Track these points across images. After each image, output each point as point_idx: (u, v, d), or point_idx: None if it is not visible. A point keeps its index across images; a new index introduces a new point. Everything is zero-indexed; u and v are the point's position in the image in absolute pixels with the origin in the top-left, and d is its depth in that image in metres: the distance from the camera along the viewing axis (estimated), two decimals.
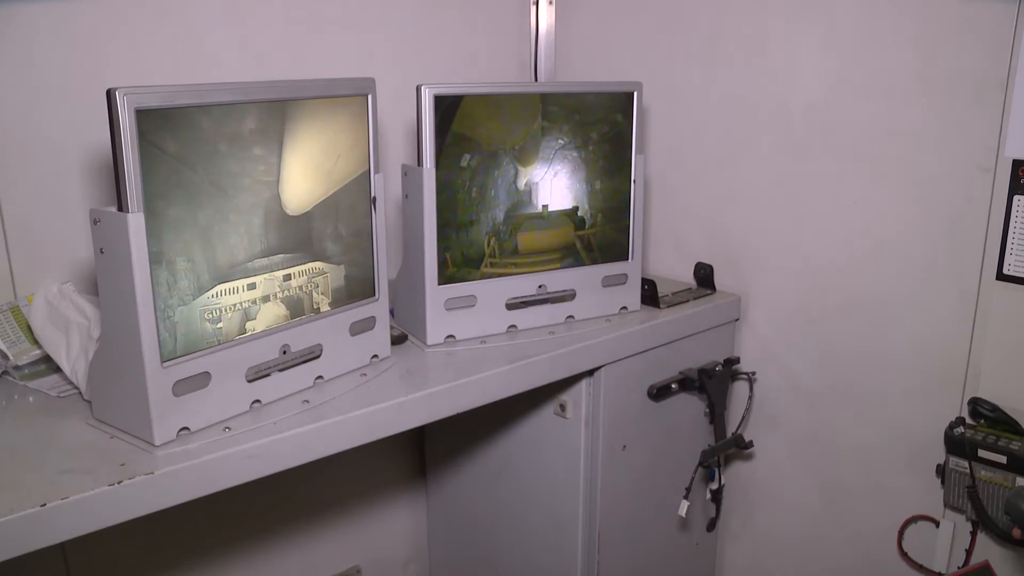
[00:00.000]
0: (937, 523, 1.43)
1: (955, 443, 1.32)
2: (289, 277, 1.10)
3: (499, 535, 1.65)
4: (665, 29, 1.68)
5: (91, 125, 1.19)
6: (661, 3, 1.68)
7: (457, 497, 1.76)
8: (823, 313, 1.53)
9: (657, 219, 1.76)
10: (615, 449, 1.46)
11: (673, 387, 1.51)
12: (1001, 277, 1.30)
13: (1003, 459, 1.27)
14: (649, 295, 1.52)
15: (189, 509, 0.96)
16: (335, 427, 1.06)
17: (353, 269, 1.19)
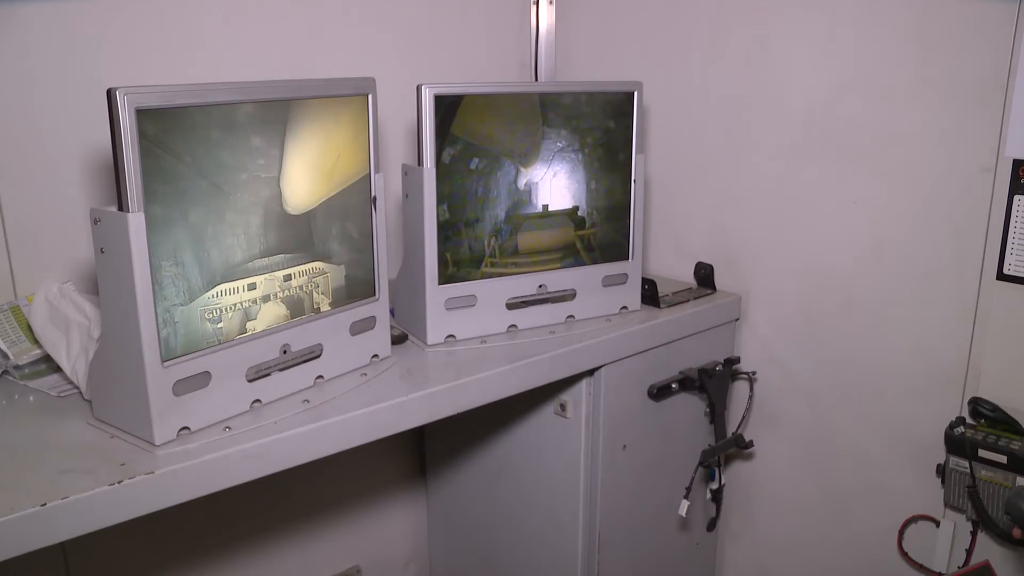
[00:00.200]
0: (937, 523, 1.43)
1: (955, 443, 1.32)
2: (289, 277, 1.10)
3: (499, 535, 1.65)
4: (665, 29, 1.68)
5: (91, 125, 1.19)
6: (661, 3, 1.68)
7: (457, 497, 1.76)
8: (823, 313, 1.53)
9: (657, 219, 1.76)
10: (615, 449, 1.46)
11: (673, 387, 1.51)
12: (1001, 277, 1.30)
13: (1003, 459, 1.27)
14: (649, 295, 1.52)
15: (189, 509, 0.96)
16: (335, 427, 1.06)
17: (353, 269, 1.19)
